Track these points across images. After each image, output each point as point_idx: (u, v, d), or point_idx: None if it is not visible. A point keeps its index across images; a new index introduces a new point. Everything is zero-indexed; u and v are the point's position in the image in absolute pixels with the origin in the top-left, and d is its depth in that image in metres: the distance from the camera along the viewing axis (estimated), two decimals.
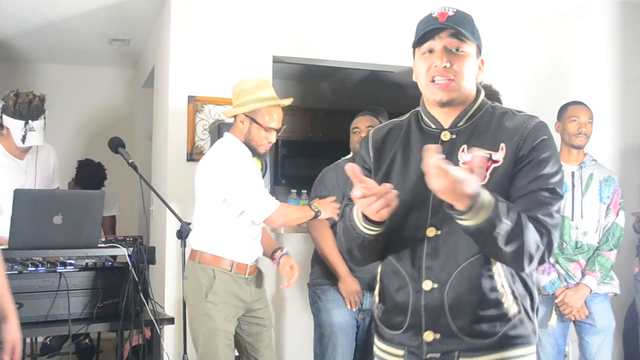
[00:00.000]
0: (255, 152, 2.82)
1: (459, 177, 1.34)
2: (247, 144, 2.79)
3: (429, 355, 1.55)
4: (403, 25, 4.19)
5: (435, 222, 1.56)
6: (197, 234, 2.81)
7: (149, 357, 2.80)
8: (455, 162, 1.55)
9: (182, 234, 2.93)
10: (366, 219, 1.51)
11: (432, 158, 1.34)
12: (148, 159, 5.14)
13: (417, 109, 1.72)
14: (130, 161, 3.05)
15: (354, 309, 3.16)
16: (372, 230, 1.54)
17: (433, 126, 1.64)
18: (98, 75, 6.09)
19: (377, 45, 4.03)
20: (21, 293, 2.51)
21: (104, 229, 4.67)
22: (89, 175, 4.85)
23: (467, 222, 1.41)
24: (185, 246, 2.94)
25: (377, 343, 1.69)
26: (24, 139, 3.13)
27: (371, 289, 2.92)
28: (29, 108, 3.13)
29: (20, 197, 2.58)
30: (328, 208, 2.92)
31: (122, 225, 5.21)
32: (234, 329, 2.80)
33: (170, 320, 2.93)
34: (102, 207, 2.84)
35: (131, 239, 2.84)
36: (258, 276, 2.89)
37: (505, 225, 1.41)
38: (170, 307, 3.56)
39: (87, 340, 4.55)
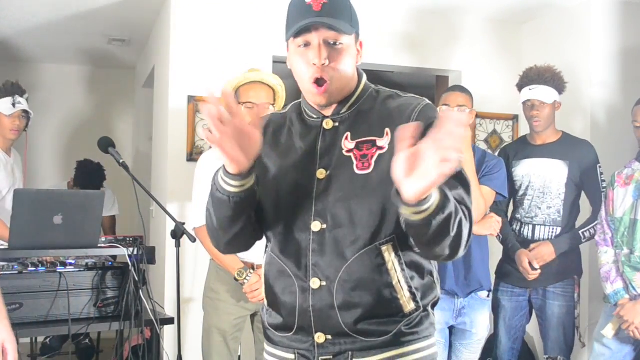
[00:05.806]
0: None
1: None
2: None
3: (320, 358, 1.48)
4: (403, 25, 4.21)
5: (319, 215, 1.46)
6: None
7: (149, 357, 2.80)
8: (339, 151, 1.48)
9: (177, 234, 2.90)
10: (226, 173, 1.38)
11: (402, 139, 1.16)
12: (148, 159, 5.13)
13: (298, 101, 1.61)
14: (121, 161, 3.05)
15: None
16: (234, 187, 1.38)
17: (314, 116, 1.54)
18: (98, 75, 6.08)
19: (377, 46, 4.03)
20: (21, 293, 2.53)
21: (104, 229, 4.67)
22: (88, 175, 4.84)
23: (427, 211, 1.22)
24: (179, 246, 2.92)
25: (267, 348, 1.61)
26: (14, 105, 3.39)
27: None
28: (13, 86, 3.46)
29: (20, 197, 2.59)
30: None
31: (122, 225, 5.21)
32: (236, 327, 2.87)
33: (170, 320, 2.94)
34: (102, 207, 2.84)
35: (131, 239, 2.84)
36: None
37: (451, 204, 1.26)
38: (170, 307, 3.55)
39: (87, 340, 4.56)
